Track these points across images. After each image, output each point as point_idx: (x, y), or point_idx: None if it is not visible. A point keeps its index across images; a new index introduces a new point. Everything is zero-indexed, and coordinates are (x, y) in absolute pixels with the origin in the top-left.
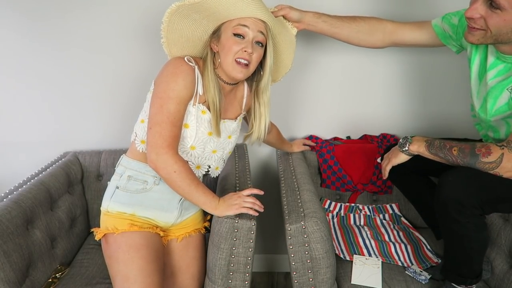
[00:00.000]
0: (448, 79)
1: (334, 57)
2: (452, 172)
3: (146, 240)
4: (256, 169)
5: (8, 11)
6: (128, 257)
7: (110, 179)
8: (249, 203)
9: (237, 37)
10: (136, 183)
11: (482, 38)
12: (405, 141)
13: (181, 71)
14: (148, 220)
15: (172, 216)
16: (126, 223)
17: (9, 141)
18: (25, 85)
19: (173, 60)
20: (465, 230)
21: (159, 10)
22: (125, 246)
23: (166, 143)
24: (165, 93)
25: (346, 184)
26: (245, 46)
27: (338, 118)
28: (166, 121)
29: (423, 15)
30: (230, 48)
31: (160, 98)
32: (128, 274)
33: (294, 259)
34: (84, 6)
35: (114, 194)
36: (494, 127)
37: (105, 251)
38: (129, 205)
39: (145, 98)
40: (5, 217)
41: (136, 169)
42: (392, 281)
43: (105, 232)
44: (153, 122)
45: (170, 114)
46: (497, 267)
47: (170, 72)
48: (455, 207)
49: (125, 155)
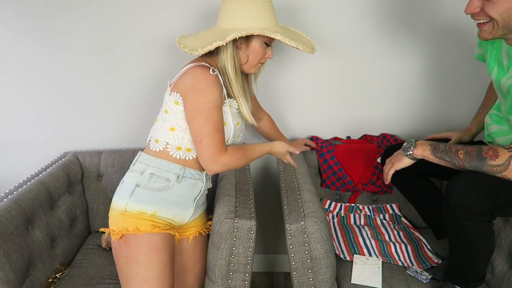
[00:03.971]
0: (448, 80)
1: (334, 58)
2: (460, 177)
3: (166, 242)
4: (256, 169)
5: (9, 11)
6: (149, 259)
7: (124, 178)
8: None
9: (266, 45)
10: (158, 180)
11: (493, 31)
12: (409, 145)
13: (212, 81)
14: (167, 220)
15: (188, 213)
16: (149, 224)
17: (9, 141)
18: (25, 85)
19: (200, 72)
20: (474, 236)
21: (159, 10)
22: (147, 248)
23: (218, 150)
24: (206, 106)
25: (346, 184)
26: (269, 53)
27: (338, 118)
28: (214, 131)
29: (423, 16)
30: (260, 54)
31: (202, 112)
32: (147, 276)
33: (294, 259)
34: (84, 6)
35: (134, 192)
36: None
37: (121, 251)
38: (151, 203)
39: (145, 97)
40: (5, 217)
41: (159, 167)
42: (393, 280)
43: (124, 233)
44: (203, 135)
45: (216, 124)
46: (497, 267)
47: (204, 84)
48: (465, 214)
49: (143, 152)
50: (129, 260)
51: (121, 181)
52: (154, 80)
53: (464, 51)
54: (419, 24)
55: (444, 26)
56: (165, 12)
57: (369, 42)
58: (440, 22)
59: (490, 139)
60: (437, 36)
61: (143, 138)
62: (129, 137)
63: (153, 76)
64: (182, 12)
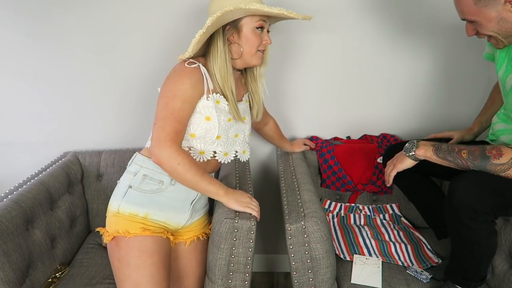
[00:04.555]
0: (449, 80)
1: (334, 58)
2: (463, 176)
3: (158, 245)
4: (256, 169)
5: (9, 11)
6: (140, 262)
7: (120, 179)
8: (255, 207)
9: (259, 29)
10: (151, 182)
11: (499, 41)
12: (411, 146)
13: (186, 72)
14: (160, 223)
15: (184, 217)
16: (139, 227)
17: (9, 141)
18: (25, 85)
19: (178, 64)
20: (476, 236)
21: (159, 10)
22: (137, 251)
23: (168, 137)
24: (171, 92)
25: (346, 184)
26: (266, 38)
27: (338, 118)
28: (170, 117)
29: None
30: (255, 41)
31: (166, 97)
32: (139, 280)
33: (294, 259)
34: (84, 6)
35: (126, 193)
36: None
37: (114, 254)
38: (142, 206)
39: (145, 97)
40: (5, 217)
41: (153, 168)
42: (393, 280)
43: (115, 235)
44: (158, 118)
45: (174, 111)
46: (497, 267)
47: (177, 74)
48: (468, 213)
49: (139, 153)
50: (121, 263)
51: (118, 182)
52: (154, 80)
53: (466, 51)
54: (420, 24)
55: (446, 26)
56: (165, 12)
57: (369, 41)
58: (442, 22)
59: (494, 137)
60: (438, 36)
61: (143, 138)
62: (129, 137)
63: (153, 76)
64: (183, 12)
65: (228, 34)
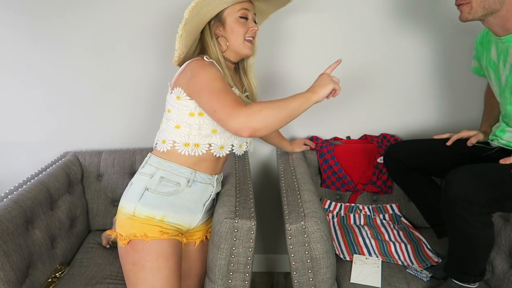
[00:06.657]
0: (449, 80)
1: (333, 58)
2: (460, 169)
3: (174, 248)
4: (256, 169)
5: (9, 11)
6: (156, 266)
7: (132, 180)
8: (336, 78)
9: (243, 19)
10: (168, 184)
11: (472, 10)
12: None
13: (207, 64)
14: (175, 225)
15: (196, 218)
16: (157, 230)
17: (9, 141)
18: (25, 85)
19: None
20: (472, 228)
21: (159, 10)
22: (154, 254)
23: (233, 106)
24: (205, 81)
25: (346, 184)
26: (252, 25)
27: (338, 118)
28: (221, 94)
29: (425, 16)
30: (239, 30)
31: (204, 87)
32: (155, 283)
33: (294, 259)
34: (84, 6)
35: (143, 196)
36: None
37: (128, 257)
38: (159, 208)
39: (145, 97)
40: (5, 217)
41: (170, 171)
42: (393, 279)
43: (132, 238)
44: (213, 105)
45: (220, 89)
46: (497, 267)
47: (199, 68)
48: (463, 205)
49: (153, 154)
50: (136, 267)
51: (129, 183)
52: (154, 80)
53: (467, 51)
54: (421, 24)
55: (447, 26)
56: (165, 12)
57: (369, 41)
58: (443, 22)
59: (494, 137)
60: (438, 36)
61: (143, 138)
62: (129, 137)
63: (153, 76)
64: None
65: (214, 29)
